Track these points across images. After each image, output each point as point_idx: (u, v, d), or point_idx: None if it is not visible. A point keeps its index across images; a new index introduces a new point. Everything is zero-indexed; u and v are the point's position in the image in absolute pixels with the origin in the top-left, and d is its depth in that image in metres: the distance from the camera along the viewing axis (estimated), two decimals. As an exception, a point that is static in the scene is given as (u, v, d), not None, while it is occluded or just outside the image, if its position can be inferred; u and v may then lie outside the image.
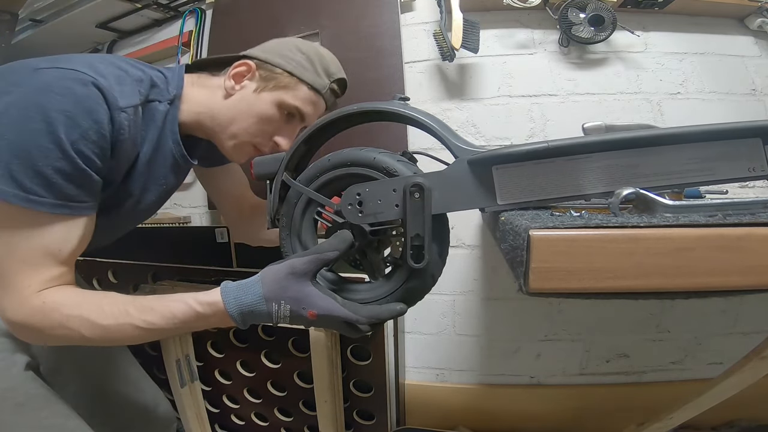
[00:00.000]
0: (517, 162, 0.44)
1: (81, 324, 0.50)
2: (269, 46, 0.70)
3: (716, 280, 0.33)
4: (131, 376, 0.86)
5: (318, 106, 0.70)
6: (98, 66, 0.54)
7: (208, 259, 1.22)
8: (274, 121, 0.68)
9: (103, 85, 0.52)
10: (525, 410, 1.18)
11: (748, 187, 1.06)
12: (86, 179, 0.52)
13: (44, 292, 0.51)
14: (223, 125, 0.67)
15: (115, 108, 0.53)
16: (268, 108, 0.67)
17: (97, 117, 0.51)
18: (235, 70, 0.67)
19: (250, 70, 0.67)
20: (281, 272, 0.48)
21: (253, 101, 0.66)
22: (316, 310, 0.47)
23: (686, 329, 1.13)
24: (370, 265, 0.54)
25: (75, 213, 0.53)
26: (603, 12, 1.05)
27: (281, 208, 0.55)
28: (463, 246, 1.18)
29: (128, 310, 0.51)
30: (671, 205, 0.39)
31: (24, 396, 0.62)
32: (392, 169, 0.49)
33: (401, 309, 0.50)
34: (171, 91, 0.65)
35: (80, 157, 0.50)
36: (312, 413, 1.06)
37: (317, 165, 0.52)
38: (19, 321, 0.51)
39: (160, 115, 0.63)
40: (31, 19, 1.43)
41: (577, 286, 0.34)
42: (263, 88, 0.67)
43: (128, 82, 0.57)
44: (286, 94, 0.67)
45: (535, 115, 1.14)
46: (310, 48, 0.70)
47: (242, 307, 0.49)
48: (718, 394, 0.73)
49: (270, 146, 0.69)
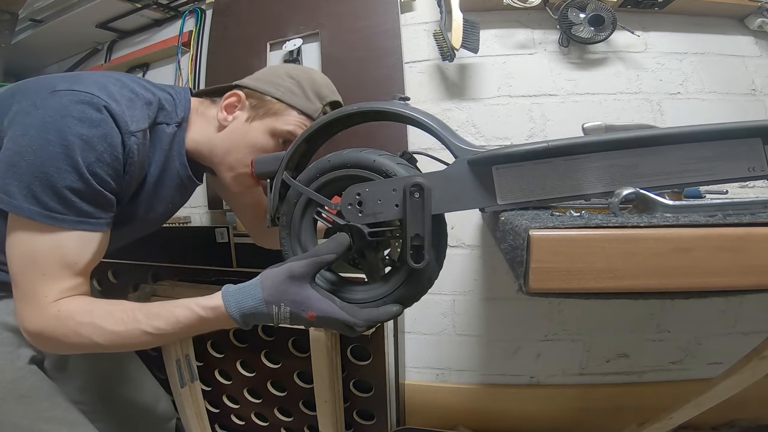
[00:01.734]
0: (517, 162, 0.44)
1: (93, 331, 0.52)
2: (260, 74, 0.71)
3: (716, 280, 0.33)
4: (132, 372, 0.87)
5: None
6: (111, 89, 0.56)
7: (208, 259, 1.22)
8: (269, 149, 0.67)
9: (115, 110, 0.54)
10: (525, 410, 1.18)
11: (748, 187, 1.07)
12: (101, 198, 0.55)
13: (60, 302, 0.53)
14: (220, 157, 0.68)
15: (126, 132, 0.55)
16: (261, 137, 0.67)
17: (111, 141, 0.53)
18: (227, 102, 0.68)
19: (240, 101, 0.68)
20: (280, 276, 0.49)
21: (245, 131, 0.67)
22: (315, 312, 0.48)
23: (686, 329, 1.13)
24: (368, 265, 0.54)
25: (93, 228, 0.55)
26: (603, 12, 1.05)
27: (281, 207, 0.55)
28: (463, 246, 1.18)
29: (137, 316, 0.53)
30: (671, 205, 0.39)
31: (27, 388, 0.64)
32: (392, 172, 0.49)
33: (397, 311, 0.51)
34: (179, 114, 0.66)
35: (95, 179, 0.53)
36: (312, 413, 1.06)
37: (317, 165, 0.52)
38: (36, 330, 0.53)
39: (167, 137, 0.65)
40: (31, 19, 1.43)
41: (577, 286, 0.34)
42: (254, 117, 0.67)
43: (139, 105, 0.59)
44: (277, 121, 0.67)
45: (535, 115, 1.14)
46: (301, 73, 0.70)
47: (243, 310, 0.50)
48: (718, 394, 0.73)
49: None
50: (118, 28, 1.45)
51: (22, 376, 0.64)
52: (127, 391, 0.85)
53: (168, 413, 0.93)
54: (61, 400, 0.68)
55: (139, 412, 0.86)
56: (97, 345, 0.53)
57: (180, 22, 1.38)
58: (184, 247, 1.26)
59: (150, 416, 0.88)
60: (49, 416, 0.66)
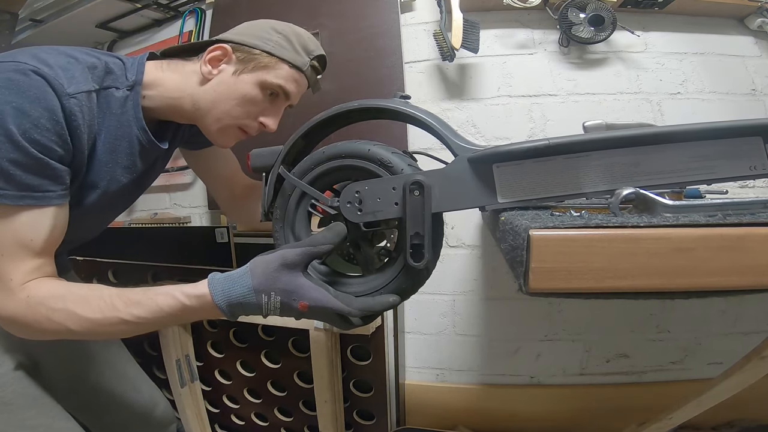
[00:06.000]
0: (517, 160, 0.44)
1: (67, 317, 0.50)
2: (243, 28, 0.70)
3: (716, 280, 0.33)
4: (128, 374, 0.86)
5: (300, 83, 0.70)
6: (42, 56, 0.53)
7: (208, 259, 1.22)
8: (257, 102, 0.67)
9: (46, 73, 0.50)
10: (525, 410, 1.18)
11: (748, 187, 1.07)
12: (46, 168, 0.51)
13: (28, 285, 0.51)
14: (204, 110, 0.66)
15: (62, 94, 0.51)
16: (250, 89, 0.66)
17: (47, 104, 0.50)
18: (211, 55, 0.66)
19: (227, 54, 0.66)
20: (272, 263, 0.47)
21: (232, 84, 0.66)
22: (308, 302, 0.46)
23: (686, 329, 1.13)
24: (363, 258, 0.53)
25: (41, 203, 0.52)
26: (603, 12, 1.05)
27: (276, 201, 0.55)
28: (463, 246, 1.18)
29: (115, 303, 0.51)
30: (671, 205, 0.39)
31: (11, 395, 0.62)
32: (386, 161, 0.48)
33: (394, 301, 0.49)
34: (129, 78, 0.63)
35: (35, 146, 0.49)
36: (312, 413, 1.06)
37: (312, 157, 0.52)
38: (7, 315, 0.51)
39: (118, 101, 0.61)
40: (31, 19, 1.43)
41: (577, 286, 0.34)
42: (242, 70, 0.66)
43: (78, 68, 0.55)
44: (268, 74, 0.66)
45: (535, 115, 1.14)
46: (286, 27, 0.69)
47: (231, 299, 0.48)
48: (718, 394, 0.73)
49: (256, 127, 0.69)
50: (118, 28, 1.45)
51: (5, 383, 0.62)
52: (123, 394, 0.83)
53: (167, 417, 0.91)
54: (49, 407, 0.66)
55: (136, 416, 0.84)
56: (72, 332, 0.51)
57: (180, 22, 1.39)
58: (184, 247, 1.26)
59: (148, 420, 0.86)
60: (34, 424, 0.63)
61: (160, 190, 1.44)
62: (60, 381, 0.75)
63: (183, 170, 1.39)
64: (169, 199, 1.45)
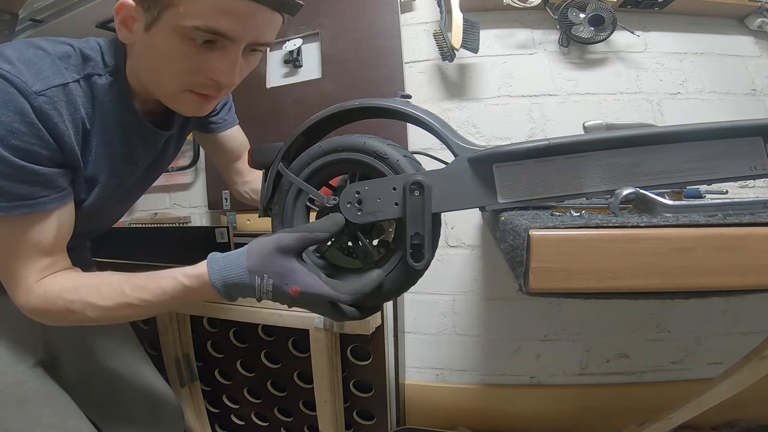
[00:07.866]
0: (518, 160, 0.44)
1: (84, 307, 0.52)
2: None
3: (716, 280, 0.33)
4: (142, 372, 0.86)
5: (241, 11, 0.48)
6: (7, 52, 0.49)
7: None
8: (188, 56, 0.50)
9: (5, 72, 0.46)
10: (525, 410, 1.18)
11: (748, 187, 1.07)
12: (31, 175, 0.49)
13: (43, 281, 0.53)
14: (146, 83, 0.56)
15: (27, 94, 0.47)
16: (165, 44, 0.49)
17: (15, 107, 0.46)
18: (119, 17, 0.51)
19: (128, 7, 0.50)
20: (267, 246, 0.47)
21: (149, 44, 0.51)
22: (299, 287, 0.46)
23: (686, 329, 1.13)
24: (362, 251, 0.53)
25: (36, 210, 0.51)
26: (603, 12, 1.05)
27: (274, 197, 0.55)
28: (463, 246, 1.18)
29: (124, 290, 0.52)
30: (671, 205, 0.39)
31: (27, 393, 0.63)
32: (382, 152, 0.49)
33: (377, 275, 0.48)
34: (108, 62, 0.56)
35: (15, 154, 0.46)
36: (312, 413, 1.06)
37: (309, 152, 0.53)
38: (30, 309, 0.53)
39: (102, 89, 0.55)
40: (31, 19, 1.43)
41: (577, 286, 0.34)
42: (151, 23, 0.49)
43: (46, 61, 0.50)
44: (177, 16, 0.47)
45: (535, 115, 1.14)
46: None
47: (226, 279, 0.47)
48: (718, 394, 0.73)
49: (212, 85, 0.54)
50: (118, 28, 1.45)
51: (22, 380, 0.63)
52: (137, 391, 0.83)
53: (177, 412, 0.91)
54: (64, 406, 0.67)
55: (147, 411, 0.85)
56: (91, 319, 0.53)
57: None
58: (184, 247, 1.26)
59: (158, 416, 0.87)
60: (48, 422, 0.64)
61: (160, 190, 1.44)
62: (75, 377, 0.76)
63: (183, 170, 1.39)
64: (169, 199, 1.45)
